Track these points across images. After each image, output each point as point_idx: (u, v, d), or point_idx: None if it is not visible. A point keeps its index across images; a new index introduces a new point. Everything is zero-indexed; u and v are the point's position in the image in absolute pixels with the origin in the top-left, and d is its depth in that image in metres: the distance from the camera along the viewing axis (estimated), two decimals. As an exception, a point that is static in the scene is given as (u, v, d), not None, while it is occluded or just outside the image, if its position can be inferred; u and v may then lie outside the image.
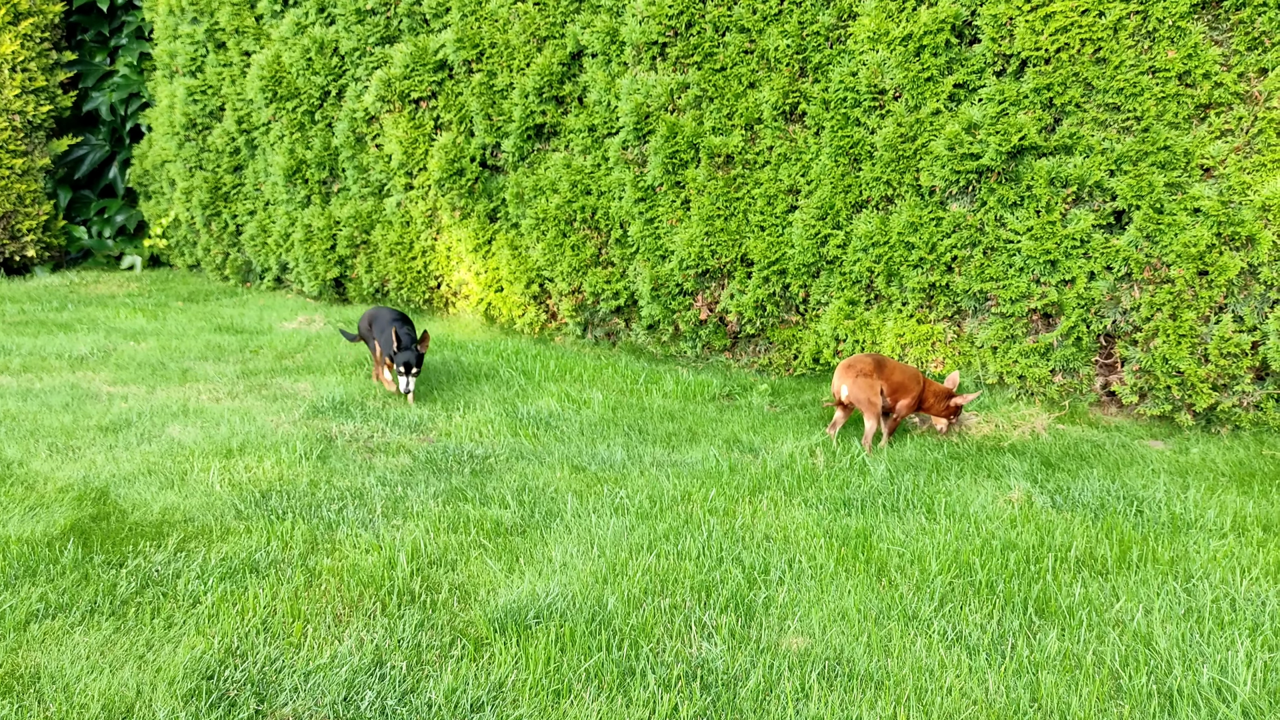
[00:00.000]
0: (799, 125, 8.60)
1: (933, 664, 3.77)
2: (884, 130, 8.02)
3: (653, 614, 4.15)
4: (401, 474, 5.99)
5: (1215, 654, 3.80)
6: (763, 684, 3.63)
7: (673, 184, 9.15)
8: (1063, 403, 7.68)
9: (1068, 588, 4.41)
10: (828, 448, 6.69)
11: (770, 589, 4.43)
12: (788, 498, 5.71)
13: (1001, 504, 5.60)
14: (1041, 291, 7.57)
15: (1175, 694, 3.55)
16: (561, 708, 3.49)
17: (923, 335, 8.15)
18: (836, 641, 3.95)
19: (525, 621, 4.05)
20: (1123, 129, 7.22)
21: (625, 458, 6.43)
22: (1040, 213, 7.47)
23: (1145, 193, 7.08)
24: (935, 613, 4.20)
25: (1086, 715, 3.41)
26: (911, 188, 8.02)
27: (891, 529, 5.17)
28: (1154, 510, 5.48)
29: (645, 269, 9.44)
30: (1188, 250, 6.98)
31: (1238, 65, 6.78)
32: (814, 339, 8.77)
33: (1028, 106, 7.42)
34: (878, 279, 8.27)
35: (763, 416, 7.74)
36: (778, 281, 8.79)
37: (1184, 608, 4.24)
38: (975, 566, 4.62)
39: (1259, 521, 5.31)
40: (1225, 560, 4.73)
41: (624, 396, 8.20)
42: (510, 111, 10.09)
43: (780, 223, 8.70)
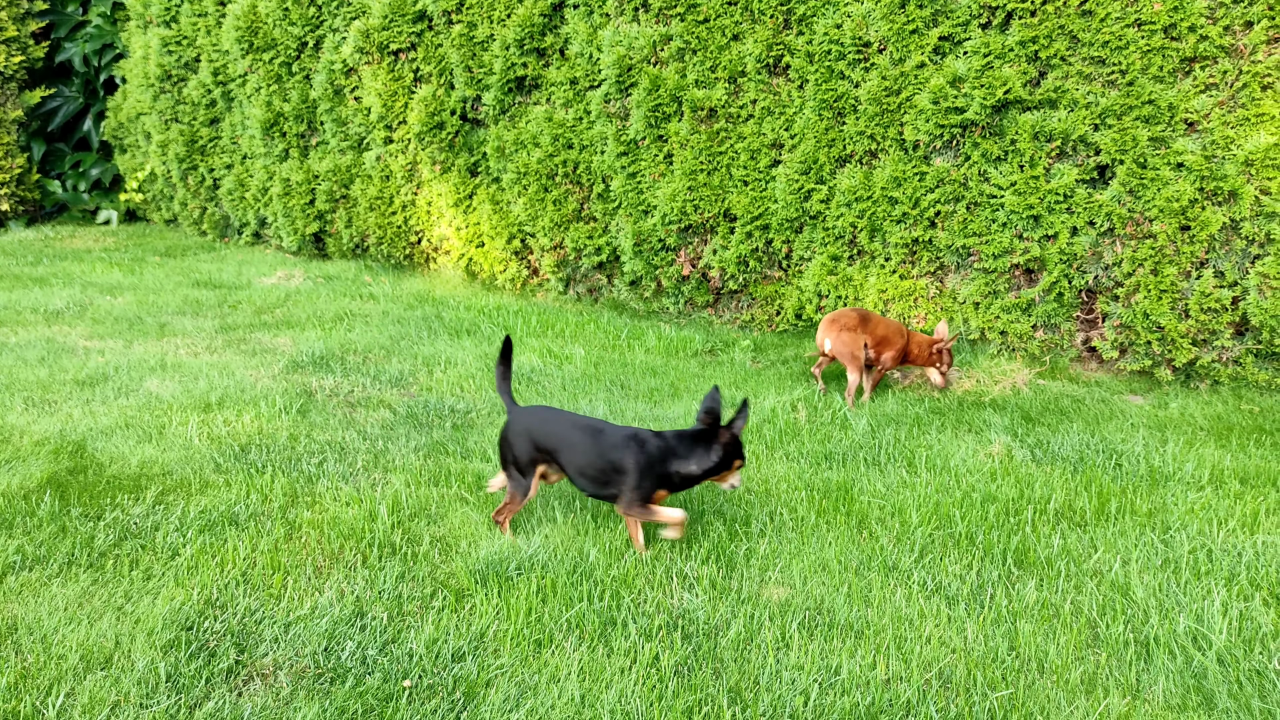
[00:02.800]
0: (783, 78, 8.51)
1: (912, 614, 3.79)
2: (868, 83, 7.94)
3: (634, 565, 4.16)
4: (382, 428, 5.96)
5: (1191, 603, 3.84)
6: (743, 633, 3.65)
7: (655, 138, 9.06)
8: (1044, 358, 7.70)
9: (1046, 539, 4.44)
10: (810, 402, 6.69)
11: (751, 541, 4.44)
12: (770, 451, 5.72)
13: (982, 457, 5.62)
14: (1024, 247, 7.56)
15: (1152, 642, 3.58)
16: (543, 657, 3.50)
17: (905, 291, 8.14)
18: (817, 592, 3.97)
19: (507, 573, 4.04)
20: (1108, 83, 7.18)
21: (607, 412, 6.41)
22: (1024, 167, 7.44)
23: (1129, 147, 7.05)
24: (915, 564, 4.22)
25: (1064, 663, 3.44)
26: (895, 142, 7.97)
27: (873, 482, 5.18)
28: (1132, 464, 5.52)
29: (628, 224, 9.37)
30: (1170, 205, 6.97)
31: (1223, 18, 6.74)
32: (797, 295, 8.75)
33: (1013, 60, 7.36)
34: (861, 234, 8.24)
35: (745, 372, 7.73)
36: (760, 237, 8.74)
37: (1161, 558, 4.27)
38: (955, 518, 4.64)
39: (1236, 474, 5.35)
40: (1202, 512, 4.76)
41: (606, 352, 8.17)
42: (491, 64, 9.95)
43: (763, 177, 8.64)
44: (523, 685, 3.33)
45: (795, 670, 3.42)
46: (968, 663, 3.44)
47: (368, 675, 3.36)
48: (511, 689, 3.30)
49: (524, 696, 3.27)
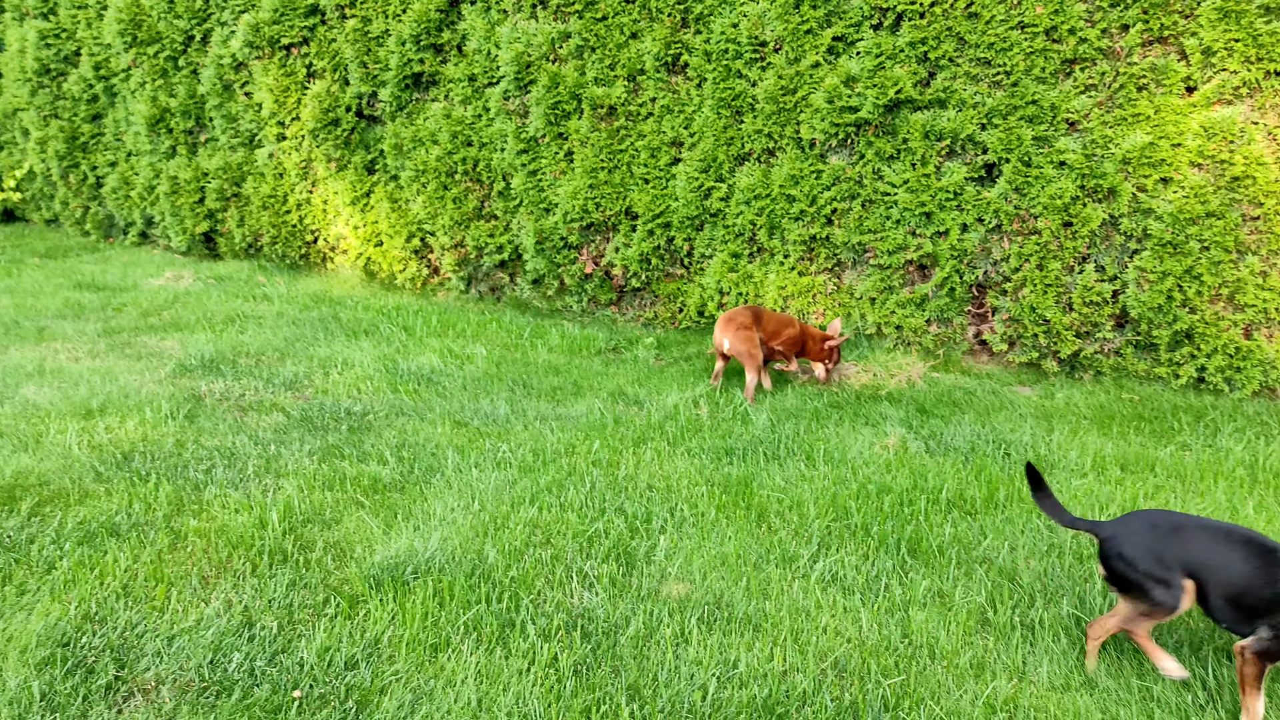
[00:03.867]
0: (681, 77, 8.55)
1: (809, 605, 3.84)
2: (765, 82, 8.03)
3: (534, 565, 4.12)
4: (275, 432, 5.81)
5: (1074, 586, 3.97)
6: (643, 630, 3.65)
7: (555, 135, 9.02)
8: (938, 351, 7.89)
9: (939, 528, 4.54)
10: (711, 398, 6.74)
11: (652, 537, 4.44)
12: (671, 448, 5.73)
13: (878, 450, 5.72)
14: (917, 243, 7.73)
15: (1037, 625, 3.69)
16: (439, 661, 3.44)
17: (804, 287, 8.25)
18: (717, 587, 3.99)
19: (403, 577, 3.97)
20: (993, 83, 7.38)
21: (509, 412, 6.36)
22: (916, 166, 7.61)
23: (1014, 146, 7.27)
24: (813, 556, 4.27)
25: (954, 649, 3.52)
26: (792, 140, 8.07)
27: (772, 476, 5.24)
28: (1021, 452, 5.68)
29: (529, 222, 9.31)
30: (1054, 202, 7.20)
31: (1101, 21, 6.99)
32: (699, 292, 8.80)
33: (904, 60, 7.52)
34: (760, 232, 8.33)
35: (648, 369, 7.75)
36: (662, 235, 8.77)
37: (1046, 544, 4.41)
38: (852, 510, 4.71)
39: (1117, 460, 5.55)
40: (1086, 497, 4.93)
41: (508, 351, 8.10)
42: (387, 59, 9.78)
43: (664, 175, 8.67)
44: (418, 691, 3.28)
45: (694, 665, 3.43)
46: (862, 651, 3.50)
47: (256, 687, 3.26)
48: (406, 695, 3.24)
49: (419, 702, 3.21)
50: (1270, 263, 6.81)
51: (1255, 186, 6.72)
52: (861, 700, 3.21)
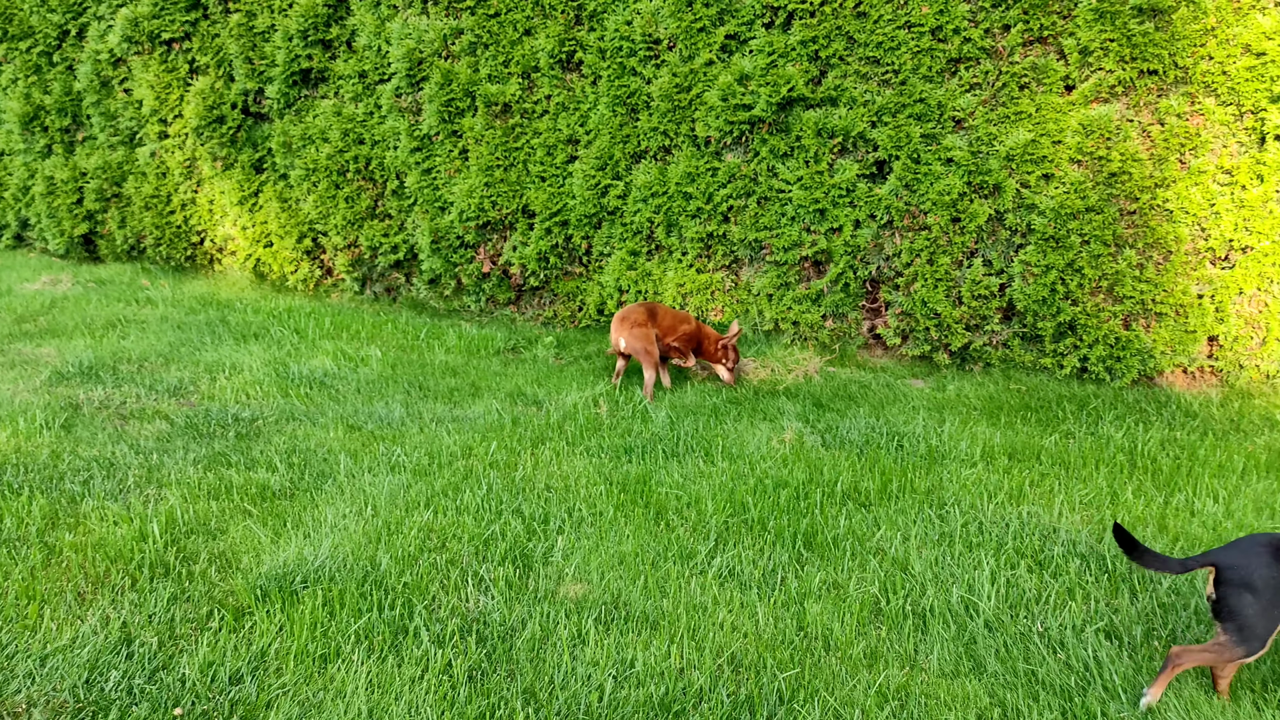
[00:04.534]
0: (576, 74, 8.51)
1: (707, 601, 3.84)
2: (660, 80, 8.04)
3: (429, 570, 4.04)
4: (158, 441, 5.59)
5: (964, 574, 4.05)
6: (540, 633, 3.60)
7: (450, 133, 8.89)
8: (833, 346, 8.00)
9: (834, 520, 4.59)
10: (612, 397, 6.71)
11: (550, 539, 4.39)
12: (570, 448, 5.69)
13: (775, 444, 5.77)
14: (812, 240, 7.83)
15: (928, 613, 3.75)
16: (329, 672, 3.34)
17: (702, 284, 8.29)
18: (614, 586, 3.96)
19: (292, 587, 3.85)
20: (883, 82, 7.52)
21: (404, 415, 6.24)
22: (809, 163, 7.70)
23: (904, 143, 7.41)
24: (711, 552, 4.28)
25: (848, 639, 3.56)
26: (688, 138, 8.10)
27: (671, 473, 5.23)
28: (913, 444, 5.79)
29: (424, 221, 9.16)
30: (942, 198, 7.36)
31: (984, 21, 7.17)
32: (598, 290, 8.77)
33: (795, 58, 7.60)
34: (658, 229, 8.34)
35: (548, 369, 7.69)
36: (560, 233, 8.72)
37: (938, 533, 4.49)
38: (749, 505, 4.73)
39: (1005, 450, 5.69)
40: (975, 487, 5.04)
41: (405, 353, 7.96)
42: (273, 55, 9.52)
43: (561, 173, 8.62)
44: (306, 704, 3.18)
45: (591, 666, 3.40)
46: (758, 645, 3.51)
47: (134, 706, 3.12)
48: (294, 709, 3.14)
49: (307, 715, 3.11)
50: (1146, 255, 7.07)
51: (1131, 182, 6.97)
52: (757, 694, 3.22)
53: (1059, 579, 4.03)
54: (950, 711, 3.12)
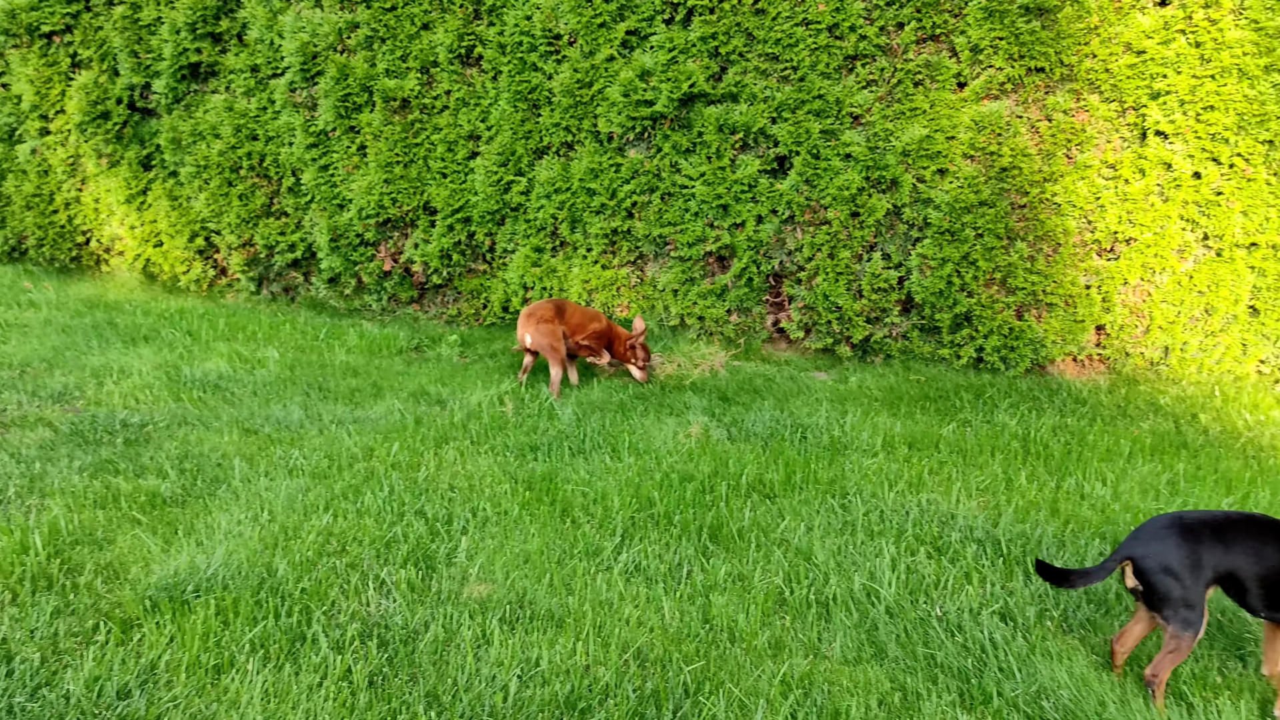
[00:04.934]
0: (477, 69, 8.41)
1: (613, 597, 3.82)
2: (561, 75, 8.00)
3: (328, 575, 3.94)
4: (41, 449, 5.35)
5: (866, 562, 4.10)
6: (443, 635, 3.54)
7: (347, 129, 8.70)
8: (739, 340, 8.07)
9: (739, 512, 4.62)
10: (517, 395, 6.65)
11: (454, 539, 4.33)
12: (475, 447, 5.62)
13: (682, 439, 5.78)
14: (715, 235, 7.87)
15: (831, 601, 3.80)
16: (223, 683, 3.23)
17: (607, 280, 8.27)
18: (520, 585, 3.92)
19: (183, 597, 3.72)
20: (782, 78, 7.60)
21: (303, 417, 6.09)
22: (712, 159, 7.74)
23: (803, 139, 7.50)
24: (617, 548, 4.26)
25: (753, 630, 3.58)
26: (590, 134, 8.07)
27: (577, 470, 5.20)
28: (817, 435, 5.86)
29: (322, 219, 8.95)
30: (842, 193, 7.47)
31: (879, 19, 7.29)
32: (502, 287, 8.69)
33: (696, 54, 7.63)
34: (562, 226, 8.29)
35: (452, 367, 7.59)
36: (463, 230, 8.61)
37: (841, 522, 4.55)
38: (656, 500, 4.73)
39: (905, 440, 5.80)
40: (876, 476, 5.12)
41: (303, 354, 7.76)
42: (160, 49, 9.19)
43: (462, 169, 8.51)
44: (198, 716, 3.06)
45: (496, 666, 3.35)
46: (664, 640, 3.51)
47: (12, 727, 2.97)
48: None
49: (199, 729, 3.01)
50: (1037, 248, 7.28)
51: (1021, 176, 7.16)
52: (663, 689, 3.21)
53: (957, 564, 4.11)
54: (852, 698, 3.16)
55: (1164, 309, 7.19)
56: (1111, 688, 3.20)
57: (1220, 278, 7.05)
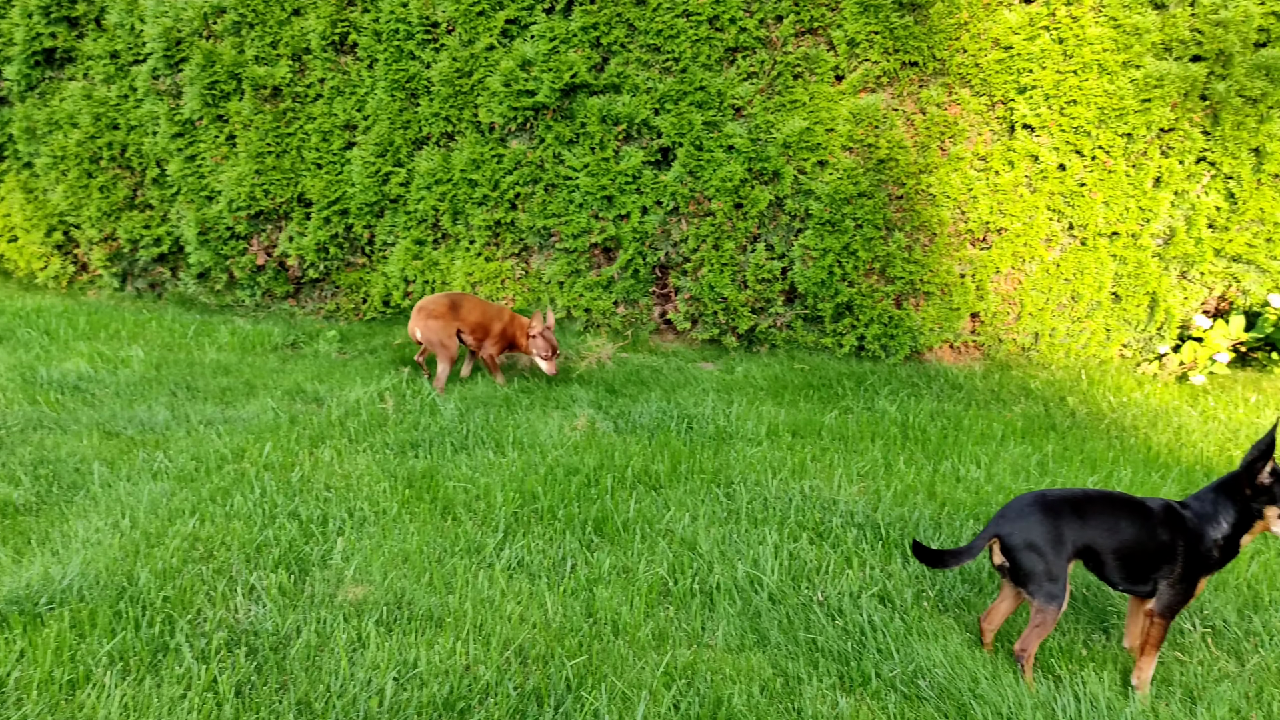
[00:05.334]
0: (351, 57, 8.18)
1: (495, 594, 3.74)
2: (440, 64, 7.83)
3: (193, 582, 3.76)
4: (-123, 458, 4.98)
5: (750, 550, 4.11)
6: (316, 640, 3.40)
7: (214, 118, 8.37)
8: (626, 332, 8.04)
9: (625, 504, 4.58)
10: (398, 391, 6.49)
11: (329, 540, 4.18)
12: (353, 445, 5.45)
13: (568, 432, 5.72)
14: (601, 226, 7.82)
15: (715, 590, 3.79)
16: (78, 699, 3.04)
17: (491, 273, 8.15)
18: (398, 585, 3.80)
19: (35, 609, 3.49)
20: (664, 69, 7.58)
21: (169, 418, 5.82)
22: (595, 150, 7.69)
23: (686, 131, 7.50)
24: (499, 544, 4.18)
25: (636, 622, 3.54)
26: (471, 124, 7.93)
27: (460, 466, 5.09)
28: (703, 426, 5.87)
29: (190, 212, 8.60)
30: (725, 185, 7.50)
31: (758, 11, 7.34)
32: (383, 281, 8.48)
33: (577, 44, 7.56)
34: (443, 217, 8.13)
35: (330, 364, 7.37)
36: (340, 222, 8.37)
37: (725, 511, 4.55)
38: (540, 494, 4.66)
39: (789, 428, 5.85)
40: (760, 465, 5.15)
41: (171, 352, 7.44)
42: (11, 33, 8.69)
43: (338, 160, 8.27)
44: (48, 737, 2.88)
45: (372, 670, 3.24)
46: (547, 636, 3.44)
47: None
48: (33, 744, 2.84)
49: (49, 750, 2.82)
50: (914, 238, 7.44)
51: (898, 168, 7.30)
52: (545, 685, 3.15)
53: (838, 549, 4.15)
54: (735, 685, 3.15)
55: (1034, 296, 7.43)
56: (984, 664, 3.26)
57: (1085, 266, 7.31)
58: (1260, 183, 7.15)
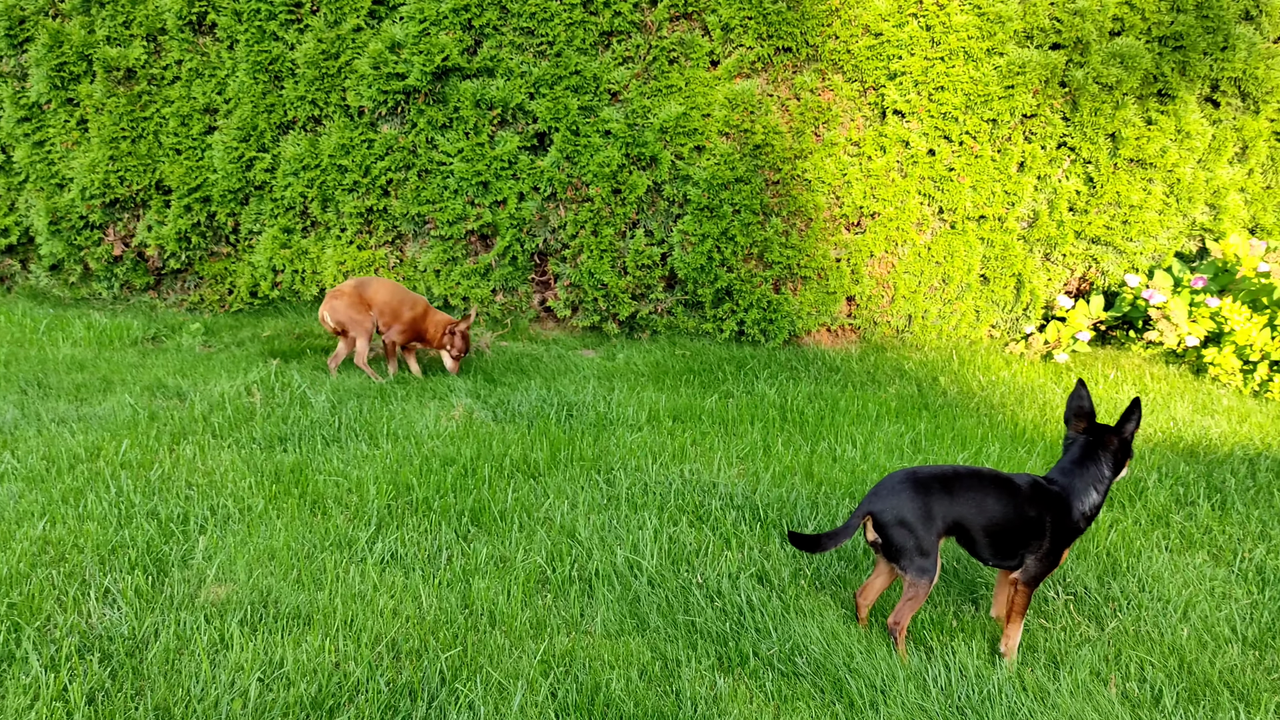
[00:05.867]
0: (210, 38, 7.84)
1: (367, 589, 3.62)
2: (305, 46, 7.57)
3: (42, 587, 3.53)
4: None
5: (629, 535, 4.08)
6: (175, 642, 3.23)
7: (64, 101, 7.93)
8: (505, 321, 7.93)
9: (503, 493, 4.50)
10: (266, 384, 6.25)
11: (190, 540, 3.99)
12: (218, 441, 5.23)
13: (445, 422, 5.60)
14: (477, 213, 7.68)
15: (594, 576, 3.74)
16: (-93, 720, 2.82)
17: (365, 261, 7.93)
18: (264, 583, 3.65)
19: None
20: (538, 53, 7.49)
21: (18, 416, 5.49)
22: (469, 134, 7.55)
23: (563, 116, 7.42)
24: (372, 538, 4.05)
25: (514, 611, 3.47)
26: (340, 108, 7.69)
27: (331, 460, 4.93)
28: (583, 413, 5.82)
29: (40, 200, 8.13)
30: (603, 170, 7.45)
31: (633, -5, 7.31)
32: (249, 271, 8.17)
33: (449, 27, 7.40)
34: (312, 204, 7.87)
35: (194, 358, 7.06)
36: (202, 210, 8.03)
37: (605, 497, 4.51)
38: (415, 486, 4.54)
39: (670, 413, 5.85)
40: (640, 450, 5.12)
41: (21, 348, 7.02)
42: None
43: (199, 145, 7.93)
44: None
45: (235, 671, 3.09)
46: (421, 629, 3.35)
47: None
48: None
49: (-128, 775, 2.61)
50: (791, 223, 7.52)
51: (774, 153, 7.37)
52: (418, 679, 3.05)
53: (717, 531, 4.15)
54: (614, 670, 3.11)
55: (906, 279, 7.60)
56: (858, 639, 3.30)
57: (954, 249, 7.51)
58: (1116, 167, 7.46)
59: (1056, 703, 3.04)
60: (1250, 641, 3.46)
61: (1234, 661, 3.31)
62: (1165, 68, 7.24)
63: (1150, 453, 5.35)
